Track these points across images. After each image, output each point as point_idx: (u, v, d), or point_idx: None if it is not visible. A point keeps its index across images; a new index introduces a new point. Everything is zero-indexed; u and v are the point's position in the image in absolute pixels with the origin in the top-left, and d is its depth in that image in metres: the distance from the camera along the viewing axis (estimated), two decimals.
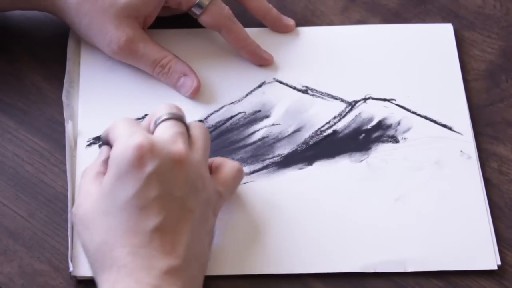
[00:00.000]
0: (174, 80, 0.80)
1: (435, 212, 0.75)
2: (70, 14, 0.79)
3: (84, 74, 0.81)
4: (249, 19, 0.84)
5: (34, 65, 0.82)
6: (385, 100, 0.81)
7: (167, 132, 0.67)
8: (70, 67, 0.81)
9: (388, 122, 0.80)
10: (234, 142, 0.79)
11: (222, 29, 0.81)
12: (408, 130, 0.80)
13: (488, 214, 0.75)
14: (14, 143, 0.78)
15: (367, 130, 0.80)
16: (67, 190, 0.75)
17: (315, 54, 0.84)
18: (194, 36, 0.84)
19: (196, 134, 0.69)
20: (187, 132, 0.69)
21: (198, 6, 0.80)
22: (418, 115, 0.81)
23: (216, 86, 0.81)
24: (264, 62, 0.83)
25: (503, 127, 0.81)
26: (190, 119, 0.79)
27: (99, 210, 0.65)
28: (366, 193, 0.76)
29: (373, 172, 0.77)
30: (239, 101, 0.81)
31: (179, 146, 0.66)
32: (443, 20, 0.87)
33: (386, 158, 0.78)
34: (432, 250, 0.73)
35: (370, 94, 0.82)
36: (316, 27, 0.86)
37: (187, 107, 0.80)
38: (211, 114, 0.80)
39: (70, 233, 0.72)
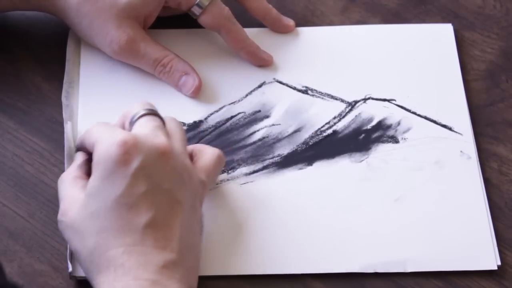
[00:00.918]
0: (176, 79, 0.80)
1: (435, 212, 0.75)
2: (70, 15, 0.79)
3: (84, 74, 0.81)
4: (249, 19, 0.84)
5: (34, 65, 0.82)
6: (385, 100, 0.81)
7: (147, 126, 0.67)
8: (70, 68, 0.81)
9: (388, 122, 0.80)
10: (234, 142, 0.79)
11: (222, 29, 0.81)
12: (408, 130, 0.80)
13: (488, 214, 0.75)
14: (14, 143, 0.78)
15: (367, 130, 0.80)
16: None
17: (315, 54, 0.84)
18: (194, 36, 0.84)
19: (172, 127, 0.69)
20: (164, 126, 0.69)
21: (198, 7, 0.80)
22: (418, 115, 0.81)
23: (216, 86, 0.81)
24: (263, 62, 0.83)
25: (503, 127, 0.81)
26: (190, 119, 0.79)
27: (88, 213, 0.64)
28: (366, 193, 0.76)
29: (373, 172, 0.77)
30: (239, 101, 0.81)
31: (162, 139, 0.66)
32: (443, 20, 0.87)
33: (386, 158, 0.78)
34: (432, 250, 0.73)
35: (370, 94, 0.82)
36: (316, 27, 0.86)
37: (187, 107, 0.80)
38: (211, 114, 0.80)
39: None
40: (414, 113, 0.81)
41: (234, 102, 0.81)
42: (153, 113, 0.69)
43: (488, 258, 0.73)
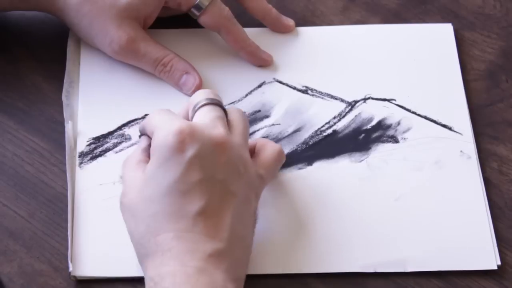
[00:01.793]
0: (176, 78, 0.80)
1: (435, 212, 0.75)
2: (70, 15, 0.79)
3: (84, 74, 0.81)
4: (249, 19, 0.84)
5: (34, 65, 0.82)
6: (385, 100, 0.81)
7: (207, 116, 0.68)
8: (70, 67, 0.81)
9: (388, 122, 0.80)
10: None
11: (222, 29, 0.81)
12: (408, 130, 0.80)
13: (488, 214, 0.75)
14: (14, 143, 0.78)
15: (367, 130, 0.80)
16: (67, 190, 0.75)
17: (315, 54, 0.84)
18: (194, 36, 0.84)
19: (235, 118, 0.70)
20: (226, 117, 0.69)
21: (198, 7, 0.80)
22: (418, 115, 0.81)
23: (216, 86, 0.81)
24: (263, 62, 0.83)
25: (503, 127, 0.81)
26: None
27: (144, 197, 0.65)
28: (366, 193, 0.76)
29: (373, 172, 0.77)
30: (239, 101, 0.81)
31: (220, 130, 0.67)
32: (443, 20, 0.87)
33: (386, 158, 0.78)
34: (432, 250, 0.73)
35: (370, 94, 0.82)
36: (316, 27, 0.86)
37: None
38: None
39: (70, 233, 0.72)
40: (414, 113, 0.81)
41: (234, 102, 0.81)
42: (215, 102, 0.69)
43: (488, 258, 0.73)
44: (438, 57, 0.84)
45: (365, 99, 0.81)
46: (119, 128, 0.79)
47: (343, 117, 0.80)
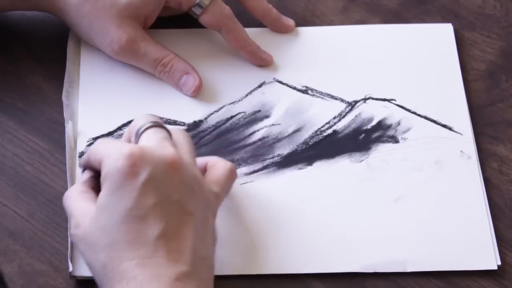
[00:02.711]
0: (176, 78, 0.80)
1: (435, 212, 0.75)
2: (70, 15, 0.79)
3: (84, 74, 0.81)
4: (249, 19, 0.84)
5: (34, 65, 0.82)
6: (385, 100, 0.81)
7: (153, 138, 0.66)
8: (70, 67, 0.81)
9: (388, 122, 0.80)
10: (234, 142, 0.79)
11: (222, 29, 0.81)
12: (408, 130, 0.80)
13: (488, 214, 0.75)
14: (14, 143, 0.78)
15: (367, 130, 0.80)
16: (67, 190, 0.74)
17: (315, 54, 0.84)
18: (194, 36, 0.84)
19: (179, 138, 0.69)
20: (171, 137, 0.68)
21: (199, 6, 0.80)
22: (418, 115, 0.81)
23: (216, 86, 0.81)
24: (263, 62, 0.83)
25: (503, 127, 0.81)
26: (190, 119, 0.79)
27: (99, 227, 0.64)
28: (366, 193, 0.76)
29: (373, 172, 0.77)
30: (239, 101, 0.81)
31: (169, 150, 0.65)
32: (443, 20, 0.87)
33: (386, 158, 0.78)
34: (432, 250, 0.73)
35: (370, 94, 0.82)
36: (316, 27, 0.86)
37: (187, 107, 0.80)
38: (211, 114, 0.80)
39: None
40: (414, 113, 0.81)
41: (234, 102, 0.81)
42: (158, 125, 0.68)
43: (488, 258, 0.73)
44: (438, 57, 0.84)
45: (365, 99, 0.81)
46: (119, 128, 0.79)
47: (343, 117, 0.80)
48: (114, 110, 0.80)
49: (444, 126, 0.80)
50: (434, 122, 0.80)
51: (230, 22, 0.81)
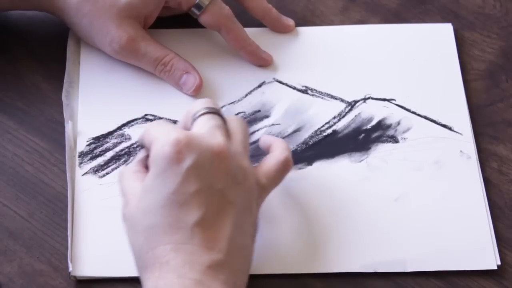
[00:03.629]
0: (177, 78, 0.80)
1: (435, 212, 0.75)
2: (70, 15, 0.79)
3: (84, 74, 0.81)
4: (249, 19, 0.84)
5: (34, 65, 0.82)
6: (385, 100, 0.81)
7: (205, 125, 0.67)
8: (70, 67, 0.81)
9: (387, 122, 0.80)
10: None
11: (222, 28, 0.81)
12: (408, 130, 0.80)
13: (488, 214, 0.75)
14: (14, 143, 0.78)
15: (367, 130, 0.80)
16: (67, 190, 0.75)
17: (315, 54, 0.84)
18: (194, 36, 0.84)
19: (234, 127, 0.69)
20: (225, 125, 0.69)
21: (198, 6, 0.80)
22: (418, 115, 0.81)
23: (216, 86, 0.81)
24: (263, 62, 0.83)
25: (503, 127, 0.81)
26: None
27: (142, 208, 0.65)
28: (366, 193, 0.76)
29: (373, 172, 0.77)
30: (239, 101, 0.81)
31: (218, 139, 0.66)
32: (443, 20, 0.87)
33: (386, 158, 0.78)
34: (432, 250, 0.73)
35: (370, 94, 0.82)
36: (316, 27, 0.86)
37: (187, 107, 0.80)
38: None
39: (70, 233, 0.72)
40: (414, 113, 0.81)
41: (234, 102, 0.81)
42: (214, 111, 0.68)
43: (488, 258, 0.73)
44: (438, 57, 0.84)
45: (365, 99, 0.81)
46: (119, 128, 0.79)
47: (343, 117, 0.80)
48: (114, 110, 0.80)
49: (444, 126, 0.80)
50: (434, 122, 0.80)
51: (230, 22, 0.81)
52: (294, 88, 0.82)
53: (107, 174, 0.76)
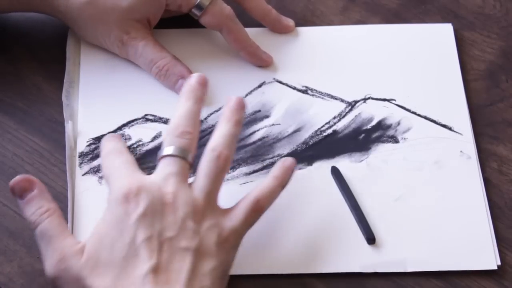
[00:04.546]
0: (172, 82, 0.80)
1: (435, 212, 0.75)
2: (72, 18, 0.79)
3: (84, 74, 0.81)
4: (249, 19, 0.84)
5: (34, 65, 0.82)
6: (385, 100, 0.81)
7: (162, 171, 0.68)
8: (70, 67, 0.81)
9: (388, 122, 0.80)
10: None
11: (223, 29, 0.81)
12: (408, 130, 0.80)
13: (488, 214, 0.75)
14: (14, 143, 0.78)
15: (367, 130, 0.80)
16: (67, 190, 0.75)
17: (315, 54, 0.84)
18: (195, 36, 0.84)
19: (201, 169, 0.68)
20: (185, 170, 0.68)
21: (198, 8, 0.80)
22: (418, 115, 0.81)
23: (216, 86, 0.81)
24: (263, 63, 0.83)
25: (503, 127, 0.81)
26: None
27: (95, 260, 0.65)
28: (366, 193, 0.76)
29: (373, 172, 0.77)
30: None
31: (169, 188, 0.66)
32: (443, 20, 0.87)
33: (386, 158, 0.78)
34: (432, 250, 0.73)
35: (370, 94, 0.82)
36: (316, 27, 0.86)
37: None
38: (211, 114, 0.80)
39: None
40: (414, 113, 0.81)
41: None
42: (178, 154, 0.68)
43: (488, 258, 0.73)
44: (438, 57, 0.84)
45: (365, 99, 0.81)
46: (119, 128, 0.79)
47: (343, 117, 0.80)
48: (114, 110, 0.80)
49: (444, 126, 0.80)
50: (434, 122, 0.80)
51: (231, 23, 0.81)
52: (294, 88, 0.82)
53: None
